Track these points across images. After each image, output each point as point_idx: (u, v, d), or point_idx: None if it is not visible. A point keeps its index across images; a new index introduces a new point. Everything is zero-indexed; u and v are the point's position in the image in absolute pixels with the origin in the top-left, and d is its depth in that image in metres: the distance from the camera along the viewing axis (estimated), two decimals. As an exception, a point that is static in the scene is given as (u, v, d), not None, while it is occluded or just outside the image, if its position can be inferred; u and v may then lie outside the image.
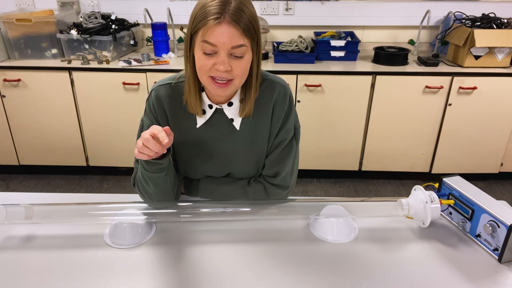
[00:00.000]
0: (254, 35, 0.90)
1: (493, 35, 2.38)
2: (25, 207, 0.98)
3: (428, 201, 0.97)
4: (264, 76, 1.06)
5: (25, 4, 2.84)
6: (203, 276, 0.86)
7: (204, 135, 1.07)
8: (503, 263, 0.91)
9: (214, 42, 0.87)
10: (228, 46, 0.87)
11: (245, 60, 0.92)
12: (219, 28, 0.86)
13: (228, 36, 0.86)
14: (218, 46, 0.88)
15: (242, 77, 0.95)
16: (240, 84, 0.97)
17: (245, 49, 0.90)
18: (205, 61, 0.90)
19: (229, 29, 0.86)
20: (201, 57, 0.91)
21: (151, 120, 1.06)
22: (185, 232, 1.00)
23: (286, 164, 1.10)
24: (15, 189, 2.72)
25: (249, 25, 0.88)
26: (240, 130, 1.06)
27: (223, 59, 0.88)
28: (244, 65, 0.92)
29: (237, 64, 0.91)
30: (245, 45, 0.89)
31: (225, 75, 0.91)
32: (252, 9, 0.91)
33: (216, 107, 1.04)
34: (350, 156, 2.69)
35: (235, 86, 0.95)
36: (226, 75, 0.91)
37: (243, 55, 0.90)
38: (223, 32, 0.86)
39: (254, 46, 0.92)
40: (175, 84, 1.05)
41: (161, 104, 1.05)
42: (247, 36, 0.88)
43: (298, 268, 0.88)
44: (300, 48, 2.56)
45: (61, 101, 2.54)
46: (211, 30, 0.86)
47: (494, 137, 2.60)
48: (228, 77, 0.92)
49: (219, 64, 0.89)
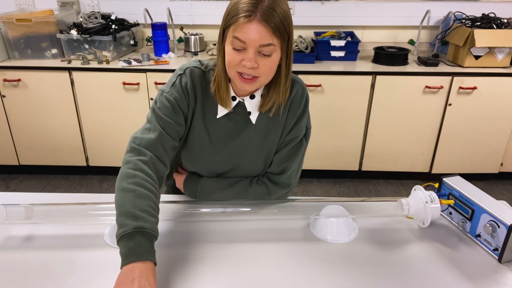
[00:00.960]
0: (284, 34, 0.91)
1: (493, 35, 2.38)
2: (25, 207, 0.97)
3: (428, 201, 0.97)
4: None
5: (25, 4, 2.84)
6: (203, 276, 0.86)
7: (222, 126, 1.08)
8: (503, 263, 0.91)
9: (243, 39, 0.89)
10: (257, 44, 0.89)
11: (272, 59, 0.93)
12: (249, 26, 0.87)
13: (257, 34, 0.88)
14: (247, 43, 0.89)
15: (268, 75, 0.96)
16: (265, 82, 0.98)
17: (273, 48, 0.91)
18: (234, 57, 0.92)
19: (259, 28, 0.87)
20: (230, 52, 0.92)
21: (180, 95, 1.02)
22: (185, 232, 1.00)
23: (293, 162, 1.11)
24: (15, 189, 2.72)
25: (279, 25, 0.89)
26: (256, 124, 1.08)
27: (250, 56, 0.90)
28: (270, 64, 0.93)
29: (264, 62, 0.92)
30: (274, 45, 0.90)
31: (251, 72, 0.92)
32: (286, 7, 0.91)
33: (238, 100, 1.05)
34: (350, 156, 2.69)
35: (261, 83, 0.97)
36: (252, 72, 0.92)
37: (270, 54, 0.91)
38: (253, 30, 0.87)
39: (284, 46, 0.93)
40: (203, 70, 1.06)
41: (195, 84, 1.04)
42: (277, 35, 0.89)
43: (298, 268, 0.88)
44: (300, 48, 2.56)
45: (61, 101, 2.54)
46: (241, 26, 0.88)
47: (494, 137, 2.60)
48: (254, 74, 0.93)
49: (246, 61, 0.90)
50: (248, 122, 1.07)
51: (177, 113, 1.01)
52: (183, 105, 1.02)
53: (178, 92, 1.02)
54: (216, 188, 1.11)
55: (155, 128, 0.99)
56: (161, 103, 1.01)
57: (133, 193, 0.86)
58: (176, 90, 1.02)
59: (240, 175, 1.13)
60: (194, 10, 2.83)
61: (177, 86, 1.03)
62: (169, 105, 1.01)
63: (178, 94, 1.02)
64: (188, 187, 1.14)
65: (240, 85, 0.96)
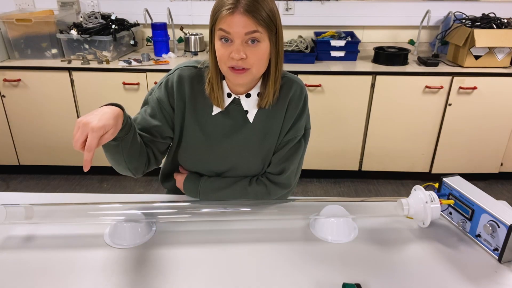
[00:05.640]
0: (271, 25, 0.93)
1: (493, 35, 2.38)
2: (25, 207, 0.97)
3: (428, 201, 0.97)
4: (283, 74, 1.09)
5: (25, 4, 2.84)
6: (203, 276, 0.86)
7: (217, 123, 1.08)
8: (503, 263, 0.91)
9: (228, 30, 0.90)
10: (242, 32, 0.90)
11: (261, 49, 0.93)
12: (233, 16, 0.89)
13: (241, 24, 0.89)
14: (232, 34, 0.90)
15: (259, 66, 0.96)
16: (257, 74, 0.98)
17: (259, 35, 0.91)
18: (223, 51, 0.93)
19: (243, 18, 0.89)
20: (219, 47, 0.94)
21: (163, 96, 1.07)
22: (185, 232, 1.00)
23: (292, 163, 1.11)
24: (15, 189, 2.72)
25: (264, 15, 0.90)
26: (253, 123, 1.08)
27: (237, 47, 0.91)
28: (259, 53, 0.93)
29: (252, 52, 0.92)
30: (259, 32, 0.91)
31: (240, 63, 0.93)
32: (271, 4, 0.93)
33: (234, 97, 1.05)
34: (350, 156, 2.69)
35: (253, 75, 0.97)
36: (241, 63, 0.93)
37: (258, 41, 0.92)
38: (237, 20, 0.89)
39: (272, 37, 0.94)
40: (200, 68, 1.08)
41: (182, 85, 1.07)
42: (262, 25, 0.91)
43: (298, 268, 0.88)
44: (300, 48, 2.56)
45: (61, 101, 2.54)
46: (225, 18, 0.90)
47: (494, 137, 2.60)
48: (244, 66, 0.93)
49: (234, 52, 0.91)
50: (245, 121, 1.08)
51: (160, 113, 1.07)
52: (166, 106, 1.07)
53: (163, 93, 1.07)
54: (215, 187, 1.11)
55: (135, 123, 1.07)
56: (148, 103, 1.10)
57: None
58: (161, 91, 1.08)
59: (239, 174, 1.13)
60: (194, 10, 2.83)
61: (163, 87, 1.08)
62: (153, 105, 1.07)
63: (162, 94, 1.07)
64: (188, 187, 1.14)
65: (233, 78, 0.97)
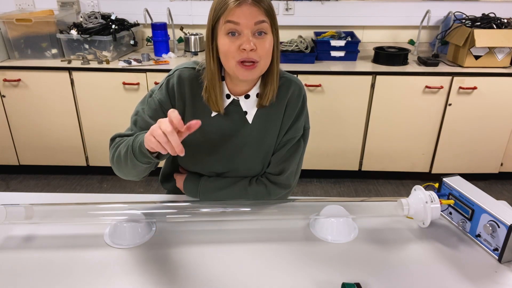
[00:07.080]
0: (273, 17, 0.94)
1: (493, 35, 2.38)
2: (25, 207, 0.97)
3: (428, 201, 0.97)
4: (282, 74, 1.08)
5: (25, 4, 2.84)
6: (203, 276, 0.86)
7: (216, 124, 1.08)
8: (503, 263, 0.91)
9: (237, 20, 0.90)
10: (251, 22, 0.90)
11: (268, 41, 0.94)
12: (241, 8, 0.89)
13: (250, 13, 0.89)
14: (241, 24, 0.90)
15: (266, 58, 0.96)
16: (264, 67, 0.97)
17: (267, 26, 0.92)
18: (231, 45, 0.92)
19: (251, 8, 0.89)
20: (226, 42, 0.92)
21: (164, 98, 1.06)
22: (185, 232, 1.00)
23: (291, 163, 1.11)
24: (15, 189, 2.72)
25: (268, 7, 0.92)
26: (252, 124, 1.08)
27: (247, 38, 0.90)
28: (267, 45, 0.93)
29: (261, 44, 0.92)
30: (267, 22, 0.91)
31: (251, 55, 0.92)
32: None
33: (233, 98, 1.05)
34: (350, 156, 2.69)
35: (261, 68, 0.96)
36: (252, 55, 0.92)
37: (266, 33, 0.92)
38: (246, 10, 0.89)
39: (274, 29, 0.95)
40: (199, 70, 1.07)
41: (182, 86, 1.06)
42: (268, 15, 0.91)
43: (298, 268, 0.88)
44: (300, 48, 2.56)
45: (61, 101, 2.54)
46: (233, 10, 0.89)
47: (494, 137, 2.60)
48: (254, 58, 0.92)
49: (245, 43, 0.90)
50: (244, 122, 1.08)
51: (162, 115, 1.05)
52: (168, 107, 1.06)
53: (163, 94, 1.07)
54: (215, 187, 1.11)
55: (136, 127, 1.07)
56: (148, 104, 1.08)
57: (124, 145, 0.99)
58: (161, 92, 1.07)
59: (239, 175, 1.13)
60: (194, 10, 2.83)
61: (164, 88, 1.07)
62: (154, 107, 1.06)
63: (163, 96, 1.07)
64: (188, 187, 1.14)
65: (242, 74, 0.95)
